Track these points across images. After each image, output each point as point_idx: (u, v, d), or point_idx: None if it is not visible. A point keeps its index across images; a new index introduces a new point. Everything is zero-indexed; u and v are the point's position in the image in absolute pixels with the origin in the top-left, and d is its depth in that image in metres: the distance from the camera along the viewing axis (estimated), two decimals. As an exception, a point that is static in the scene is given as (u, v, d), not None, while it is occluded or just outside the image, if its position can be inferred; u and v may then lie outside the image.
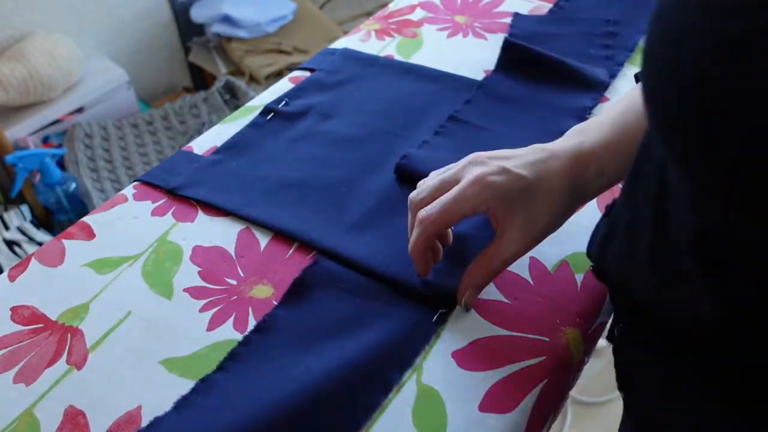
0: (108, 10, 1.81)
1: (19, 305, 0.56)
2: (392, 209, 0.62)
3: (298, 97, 0.78)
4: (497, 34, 0.88)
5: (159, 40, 1.95)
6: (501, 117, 0.73)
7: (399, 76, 0.81)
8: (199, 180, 0.67)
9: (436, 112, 0.74)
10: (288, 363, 0.50)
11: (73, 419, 0.48)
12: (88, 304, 0.56)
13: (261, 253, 0.60)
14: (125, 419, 0.48)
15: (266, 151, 0.70)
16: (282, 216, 0.62)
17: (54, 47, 1.61)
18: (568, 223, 0.61)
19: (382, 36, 0.89)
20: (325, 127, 0.73)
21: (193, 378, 0.50)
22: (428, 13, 0.94)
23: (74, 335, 0.54)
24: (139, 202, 0.66)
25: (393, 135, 0.72)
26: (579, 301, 0.55)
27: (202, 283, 0.57)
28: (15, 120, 1.62)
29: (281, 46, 1.86)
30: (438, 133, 0.71)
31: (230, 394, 0.49)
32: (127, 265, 0.59)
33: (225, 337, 0.53)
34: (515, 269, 0.57)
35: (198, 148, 0.72)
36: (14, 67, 1.55)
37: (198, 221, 0.63)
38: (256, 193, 0.65)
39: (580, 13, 0.89)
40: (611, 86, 0.77)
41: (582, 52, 0.83)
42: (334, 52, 0.86)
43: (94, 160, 1.63)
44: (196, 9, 1.91)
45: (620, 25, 0.86)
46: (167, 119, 1.76)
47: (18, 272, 0.59)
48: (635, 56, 0.82)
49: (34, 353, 0.53)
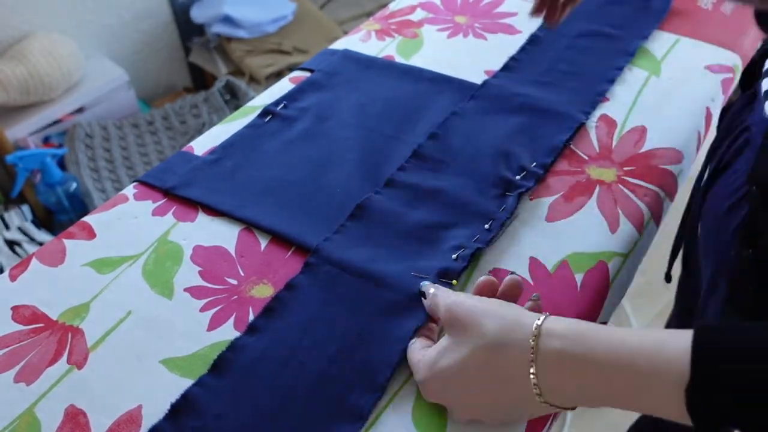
0: (108, 10, 1.80)
1: (19, 305, 0.56)
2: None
3: (296, 99, 0.78)
4: (497, 34, 0.88)
5: (159, 40, 1.95)
6: (466, 153, 0.69)
7: (397, 79, 0.81)
8: (195, 180, 0.67)
9: (433, 115, 0.74)
10: (281, 364, 0.50)
11: (74, 419, 0.48)
12: (89, 303, 0.56)
13: (261, 253, 0.60)
14: (125, 419, 0.48)
15: (263, 153, 0.70)
16: (277, 217, 0.62)
17: (54, 47, 1.61)
18: (568, 223, 0.62)
19: (382, 36, 0.89)
20: (322, 129, 0.73)
21: (193, 378, 0.50)
22: (428, 14, 0.94)
23: (75, 335, 0.54)
24: (140, 201, 0.66)
25: (389, 137, 0.72)
26: (579, 301, 0.55)
27: (203, 282, 0.58)
28: (15, 120, 1.62)
29: (281, 47, 1.86)
30: (402, 168, 0.67)
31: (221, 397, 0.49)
32: (128, 265, 0.59)
33: (225, 337, 0.53)
34: (515, 269, 0.57)
35: (198, 149, 0.72)
36: (14, 67, 1.55)
37: (198, 221, 0.63)
38: (252, 194, 0.65)
39: (582, 18, 0.89)
40: (610, 91, 0.77)
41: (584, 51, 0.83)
42: (334, 53, 0.86)
43: (95, 160, 1.63)
44: (196, 9, 1.91)
45: (621, 30, 0.86)
46: (168, 119, 1.76)
47: (19, 272, 0.59)
48: (635, 60, 0.82)
49: (34, 353, 0.53)
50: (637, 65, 0.81)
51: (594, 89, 0.77)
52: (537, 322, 0.41)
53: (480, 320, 0.43)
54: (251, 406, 0.48)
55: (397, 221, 0.61)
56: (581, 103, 0.75)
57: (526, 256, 0.59)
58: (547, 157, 0.68)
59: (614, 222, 0.62)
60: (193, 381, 0.50)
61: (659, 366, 0.35)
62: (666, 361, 0.35)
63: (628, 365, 0.36)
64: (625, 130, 0.72)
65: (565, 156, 0.69)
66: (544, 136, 0.70)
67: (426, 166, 0.67)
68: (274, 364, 0.50)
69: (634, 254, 0.61)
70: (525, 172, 0.65)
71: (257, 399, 0.48)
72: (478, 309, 0.44)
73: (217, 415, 0.47)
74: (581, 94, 0.76)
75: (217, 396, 0.48)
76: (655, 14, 0.89)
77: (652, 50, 0.84)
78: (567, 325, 0.40)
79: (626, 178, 0.66)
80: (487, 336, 0.42)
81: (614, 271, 0.58)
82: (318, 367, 0.50)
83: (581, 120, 0.72)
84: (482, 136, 0.71)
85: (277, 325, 0.53)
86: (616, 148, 0.70)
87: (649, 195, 0.65)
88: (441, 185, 0.65)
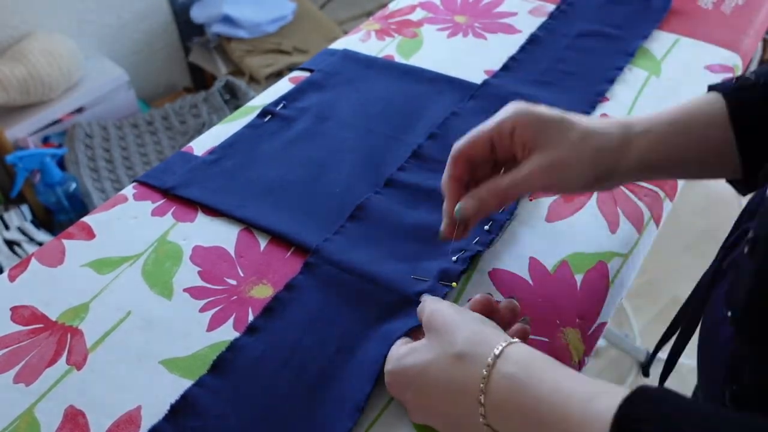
0: (108, 10, 1.80)
1: (19, 305, 0.56)
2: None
3: (296, 99, 0.78)
4: (497, 34, 0.88)
5: (159, 40, 1.95)
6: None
7: (397, 78, 0.81)
8: (194, 180, 0.67)
9: (433, 115, 0.74)
10: (281, 364, 0.50)
11: (73, 419, 0.48)
12: (88, 304, 0.56)
13: (261, 254, 0.60)
14: (125, 419, 0.48)
15: (262, 153, 0.70)
16: (276, 217, 0.62)
17: (54, 47, 1.61)
18: (568, 223, 0.62)
19: (382, 36, 0.89)
20: (321, 129, 0.73)
21: (193, 378, 0.50)
22: (428, 13, 0.94)
23: (74, 335, 0.54)
24: (139, 202, 0.66)
25: (389, 137, 0.72)
26: (579, 302, 0.55)
27: (202, 283, 0.57)
28: (15, 120, 1.62)
29: (281, 46, 1.86)
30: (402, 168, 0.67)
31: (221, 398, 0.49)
32: (127, 265, 0.59)
33: (225, 337, 0.53)
34: (515, 269, 0.57)
35: (198, 149, 0.72)
36: (14, 67, 1.55)
37: (198, 221, 0.63)
38: (251, 194, 0.65)
39: (582, 18, 0.89)
40: (610, 91, 0.77)
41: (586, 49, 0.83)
42: (334, 53, 0.86)
43: (95, 160, 1.63)
44: (196, 9, 1.91)
45: (621, 30, 0.86)
46: (167, 119, 1.76)
47: (18, 272, 0.59)
48: (635, 60, 0.82)
49: (34, 353, 0.53)
50: (637, 65, 0.81)
51: (594, 89, 0.77)
52: (502, 344, 0.41)
53: (453, 330, 0.44)
54: (251, 407, 0.48)
55: (396, 222, 0.61)
56: (581, 103, 0.75)
57: (525, 256, 0.59)
58: None
59: (614, 222, 0.62)
60: (192, 381, 0.50)
61: (588, 417, 0.35)
62: (595, 414, 0.35)
63: (563, 407, 0.37)
64: (625, 130, 0.72)
65: (565, 156, 0.69)
66: None
67: (426, 167, 0.67)
68: (273, 364, 0.50)
69: (634, 254, 0.61)
70: None
71: (257, 399, 0.48)
72: (454, 320, 0.45)
73: (217, 416, 0.47)
74: (581, 94, 0.76)
75: (216, 396, 0.48)
76: (655, 14, 0.89)
77: (652, 50, 0.84)
78: (527, 355, 0.41)
79: (626, 178, 0.66)
80: (454, 346, 0.43)
81: (614, 271, 0.58)
82: (318, 367, 0.50)
83: None
84: None
85: (276, 325, 0.53)
86: (616, 148, 0.70)
87: (649, 195, 0.65)
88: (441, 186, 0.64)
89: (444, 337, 0.44)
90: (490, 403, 0.40)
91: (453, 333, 0.44)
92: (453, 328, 0.44)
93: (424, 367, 0.44)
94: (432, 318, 0.46)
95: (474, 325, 0.44)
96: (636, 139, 0.48)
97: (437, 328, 0.45)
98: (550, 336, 0.52)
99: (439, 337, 0.44)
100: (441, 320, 0.45)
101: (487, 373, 0.40)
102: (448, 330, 0.44)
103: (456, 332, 0.44)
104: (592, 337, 0.55)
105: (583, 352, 0.53)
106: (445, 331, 0.44)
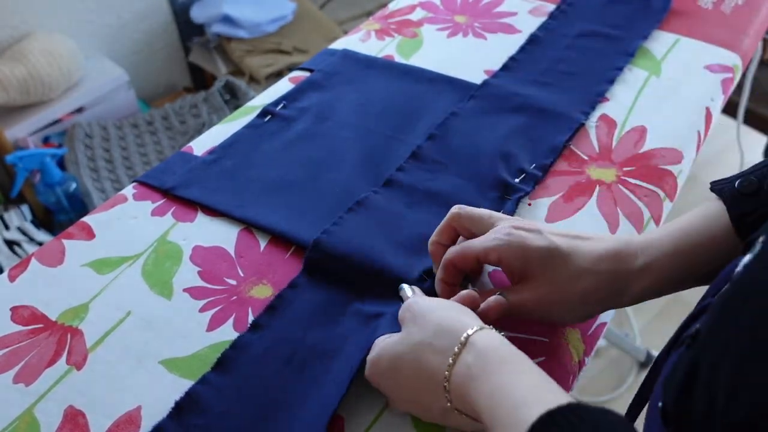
0: (108, 10, 1.80)
1: (19, 305, 0.56)
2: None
3: (296, 99, 0.78)
4: (497, 34, 0.88)
5: (159, 40, 1.95)
6: (465, 154, 0.69)
7: (396, 78, 0.81)
8: (194, 180, 0.67)
9: (432, 115, 0.74)
10: (284, 361, 0.50)
11: (73, 419, 0.48)
12: (88, 304, 0.56)
13: (261, 254, 0.60)
14: (125, 419, 0.48)
15: (262, 153, 0.70)
16: (276, 217, 0.62)
17: (54, 47, 1.61)
18: (568, 223, 0.62)
19: (382, 36, 0.89)
20: (321, 129, 0.73)
21: (193, 378, 0.50)
22: (428, 13, 0.94)
23: (74, 335, 0.54)
24: (139, 202, 0.66)
25: (389, 137, 0.72)
26: (579, 302, 0.55)
27: (202, 283, 0.58)
28: (15, 120, 1.62)
29: (281, 46, 1.86)
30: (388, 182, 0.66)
31: (225, 395, 0.49)
32: (127, 265, 0.59)
33: (225, 337, 0.53)
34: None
35: (197, 149, 0.72)
36: (14, 67, 1.55)
37: (198, 221, 0.63)
38: (251, 194, 0.65)
39: (582, 18, 0.89)
40: (610, 91, 0.77)
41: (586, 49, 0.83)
42: (334, 53, 0.86)
43: (95, 160, 1.63)
44: (196, 9, 1.91)
45: (621, 30, 0.86)
46: (167, 119, 1.75)
47: (18, 272, 0.59)
48: (635, 60, 0.82)
49: (33, 353, 0.53)
50: (637, 65, 0.81)
51: (594, 89, 0.77)
52: (470, 331, 0.42)
53: (426, 317, 0.45)
54: (254, 404, 0.48)
55: (394, 221, 0.61)
56: (581, 103, 0.75)
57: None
58: (547, 157, 0.68)
59: (614, 222, 0.62)
60: (192, 381, 0.50)
61: (512, 424, 0.36)
62: (519, 422, 0.35)
63: (497, 408, 0.37)
64: (625, 131, 0.72)
65: (565, 156, 0.69)
66: (544, 137, 0.70)
67: (425, 167, 0.67)
68: (277, 361, 0.50)
69: (634, 254, 0.61)
70: (524, 174, 0.65)
71: (261, 396, 0.48)
72: (428, 307, 0.46)
73: (221, 413, 0.47)
74: (581, 94, 0.76)
75: (220, 393, 0.48)
76: (655, 14, 0.89)
77: (652, 50, 0.84)
78: (489, 344, 0.41)
79: (626, 178, 0.66)
80: (425, 333, 0.44)
81: (614, 271, 0.58)
82: (320, 364, 0.50)
83: (581, 120, 0.72)
84: (481, 136, 0.71)
85: (280, 322, 0.53)
86: (616, 148, 0.70)
87: (648, 195, 0.65)
88: (439, 187, 0.65)
89: (417, 326, 0.45)
90: (452, 390, 0.41)
91: (425, 321, 0.44)
92: (425, 315, 0.45)
93: (398, 355, 0.44)
94: (408, 307, 0.47)
95: (444, 312, 0.45)
96: (637, 279, 0.48)
97: (412, 318, 0.46)
98: (550, 336, 0.52)
99: (415, 325, 0.45)
100: (416, 309, 0.46)
101: (452, 362, 0.41)
102: (420, 319, 0.45)
103: (428, 319, 0.44)
104: (592, 337, 0.55)
105: (583, 352, 0.53)
106: (418, 321, 0.45)
